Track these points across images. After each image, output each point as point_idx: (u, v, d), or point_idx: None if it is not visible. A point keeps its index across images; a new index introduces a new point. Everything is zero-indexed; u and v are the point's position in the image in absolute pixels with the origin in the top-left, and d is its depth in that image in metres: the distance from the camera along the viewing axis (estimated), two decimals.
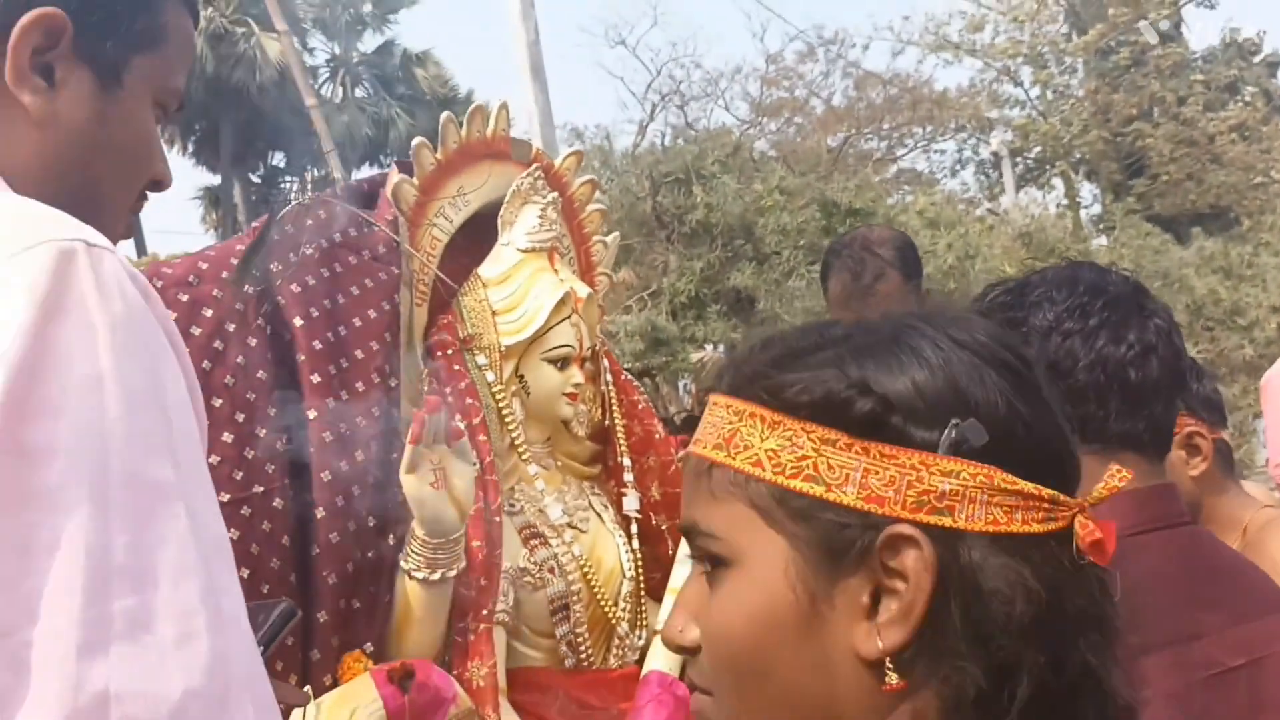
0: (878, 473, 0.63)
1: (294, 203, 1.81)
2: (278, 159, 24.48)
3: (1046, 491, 0.64)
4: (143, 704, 0.66)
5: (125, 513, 0.69)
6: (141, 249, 20.37)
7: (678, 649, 0.69)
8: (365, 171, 23.53)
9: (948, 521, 0.62)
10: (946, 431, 0.63)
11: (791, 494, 0.64)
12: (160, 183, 0.93)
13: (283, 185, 24.68)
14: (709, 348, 11.09)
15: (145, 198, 0.93)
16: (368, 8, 23.33)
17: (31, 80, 0.82)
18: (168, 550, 0.70)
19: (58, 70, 0.83)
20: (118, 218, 0.90)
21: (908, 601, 0.62)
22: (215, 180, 23.97)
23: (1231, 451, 1.82)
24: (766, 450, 0.65)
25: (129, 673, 0.66)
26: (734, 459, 0.66)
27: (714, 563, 0.67)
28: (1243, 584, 1.18)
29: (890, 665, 0.62)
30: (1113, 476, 0.68)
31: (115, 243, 0.81)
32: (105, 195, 0.88)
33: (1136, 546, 1.15)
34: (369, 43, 24.02)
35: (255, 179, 24.62)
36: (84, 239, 0.74)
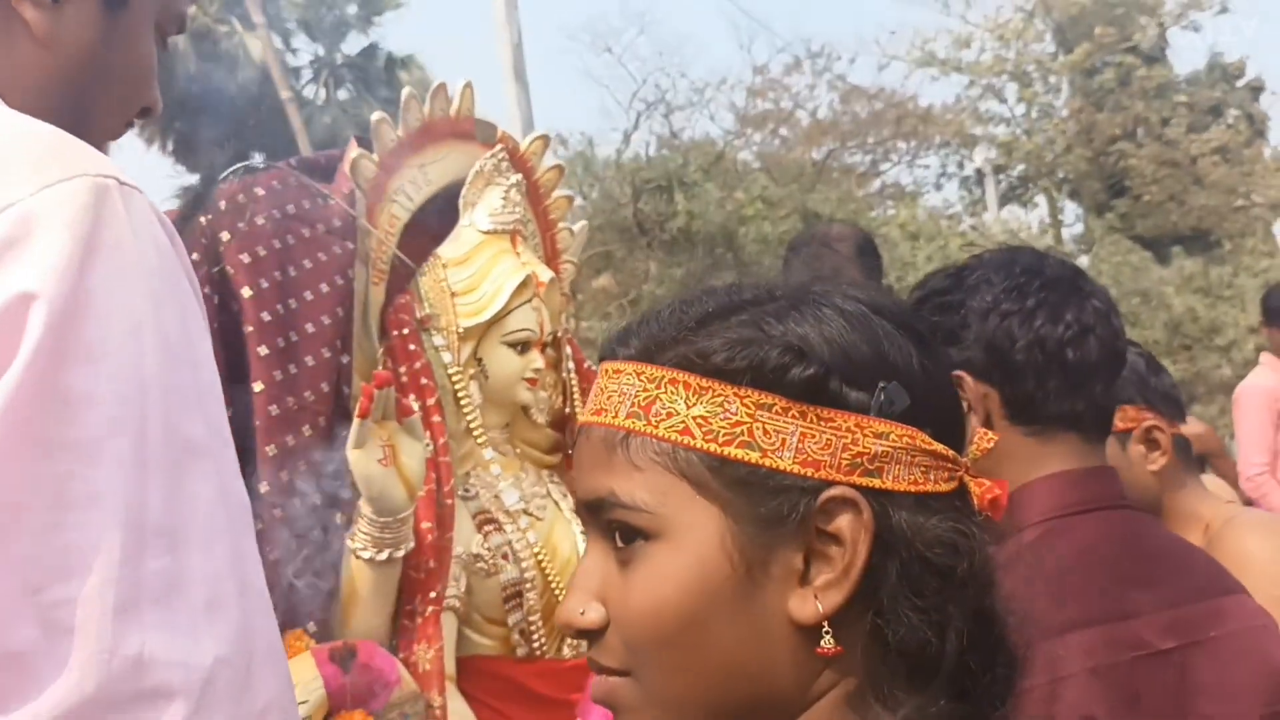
0: (814, 436, 0.62)
1: (239, 167, 1.76)
2: (258, 160, 24.39)
3: (950, 451, 0.65)
4: (176, 671, 0.64)
5: (162, 469, 0.66)
6: None
7: (577, 633, 0.66)
8: None
9: (877, 483, 0.63)
10: (876, 394, 0.63)
11: (727, 461, 0.62)
12: (150, 110, 0.90)
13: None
14: None
15: (132, 124, 0.90)
16: (352, 9, 23.29)
17: None
18: (200, 511, 0.68)
19: None
20: (104, 142, 0.86)
21: (845, 564, 0.61)
22: (194, 180, 23.87)
23: (1191, 447, 1.80)
24: (695, 417, 0.63)
25: (163, 638, 0.64)
26: (656, 428, 0.63)
27: (630, 537, 0.64)
28: (1180, 567, 1.17)
29: (827, 629, 0.62)
30: (982, 439, 0.70)
31: None
32: (99, 119, 0.85)
33: (1070, 526, 1.15)
34: (353, 44, 23.99)
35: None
36: (116, 176, 0.71)
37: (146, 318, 0.68)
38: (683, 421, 0.63)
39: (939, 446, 0.64)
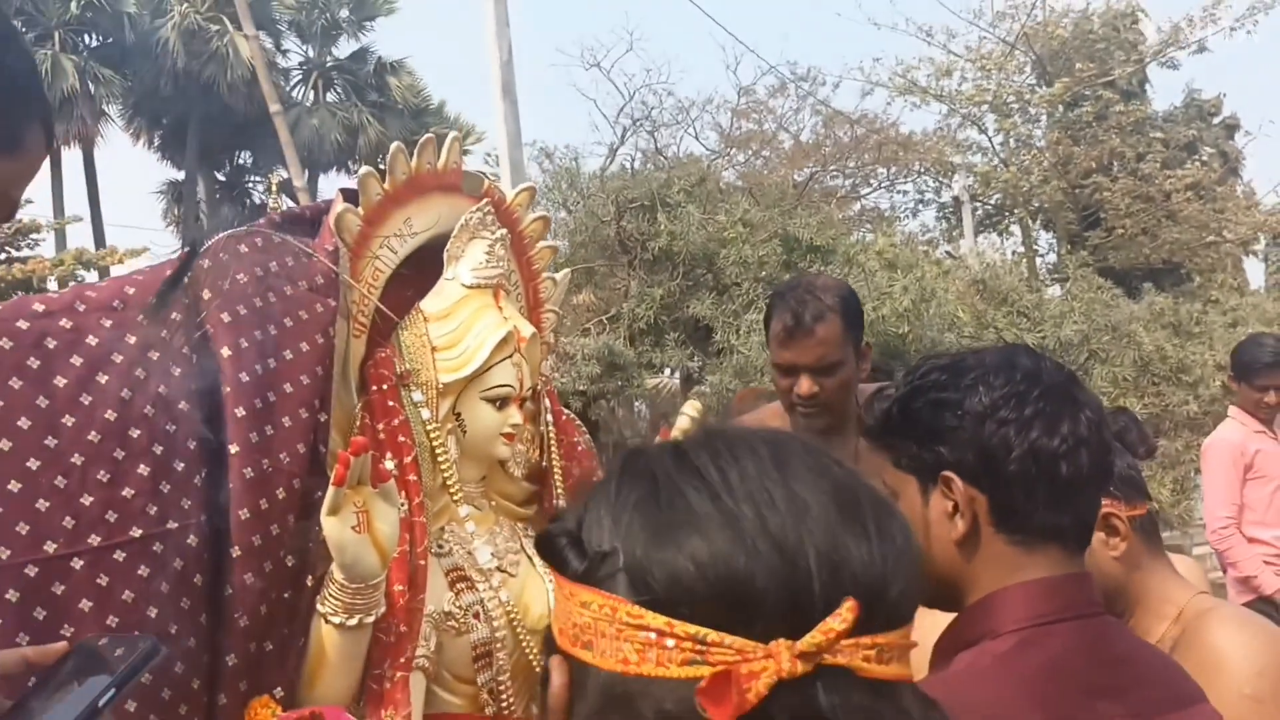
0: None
1: (225, 234, 1.75)
2: (244, 158, 24.26)
3: None
4: None
5: None
6: (100, 241, 20.04)
7: None
8: (332, 176, 23.39)
9: None
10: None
11: None
12: None
13: (246, 184, 24.44)
14: (665, 374, 11.10)
15: None
16: (344, 13, 23.21)
17: None
18: None
19: None
20: None
21: None
22: (179, 175, 23.68)
23: (1156, 526, 1.80)
24: None
25: None
26: None
27: None
28: (1149, 677, 1.18)
29: None
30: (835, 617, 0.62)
31: None
32: None
33: (1044, 635, 1.16)
34: (344, 48, 23.91)
35: (220, 176, 24.36)
36: None
37: None
38: None
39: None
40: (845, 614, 0.58)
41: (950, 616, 1.20)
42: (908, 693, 0.64)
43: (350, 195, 2.05)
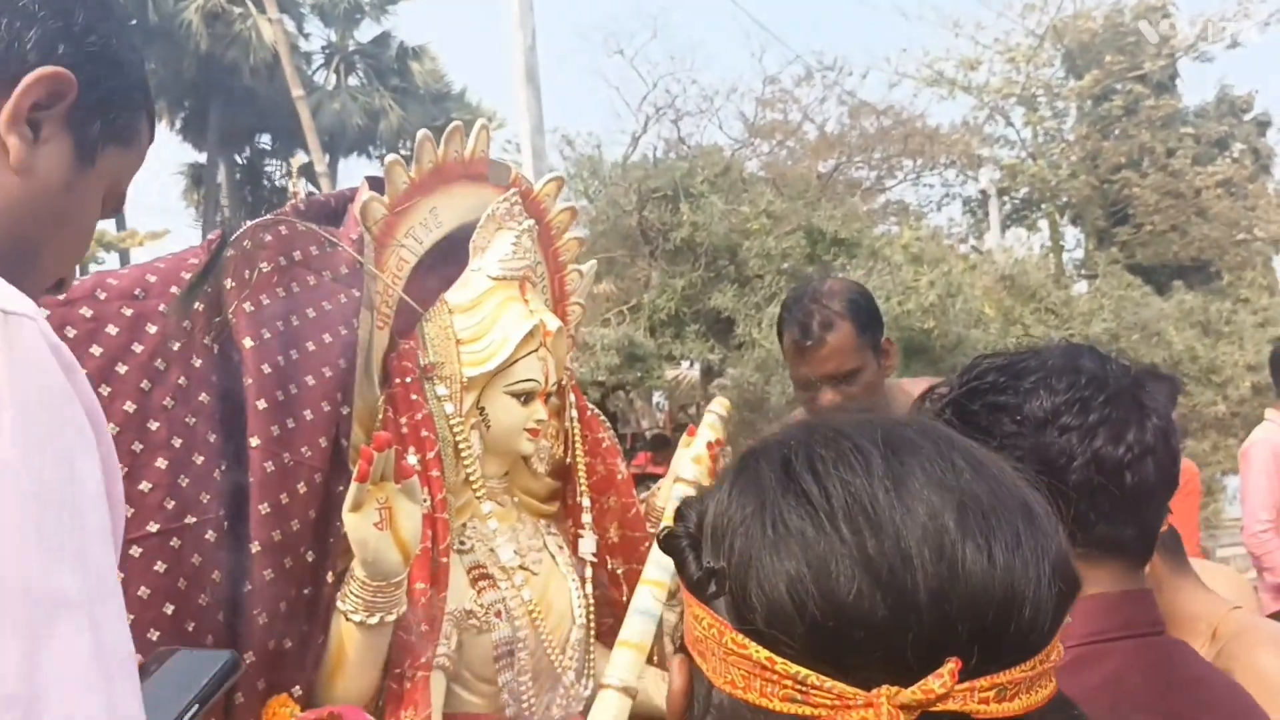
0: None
1: (251, 223, 1.71)
2: (264, 141, 24.32)
3: None
4: None
5: (18, 631, 0.63)
6: (120, 224, 20.14)
7: None
8: (353, 161, 23.42)
9: None
10: None
11: None
12: (64, 283, 0.94)
13: (267, 168, 24.50)
14: (685, 366, 11.05)
15: (55, 289, 0.93)
16: None
17: (22, 127, 0.85)
18: (65, 671, 0.64)
19: (44, 128, 0.86)
20: (38, 289, 0.88)
21: None
22: (200, 158, 23.76)
23: (1179, 540, 1.75)
24: None
25: None
26: None
27: None
28: (1212, 703, 1.12)
29: None
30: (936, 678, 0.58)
31: None
32: (42, 262, 0.89)
33: (1101, 653, 1.10)
34: (366, 32, 23.91)
35: (240, 160, 24.42)
36: (2, 307, 0.69)
37: (12, 461, 0.65)
38: None
39: None
40: (946, 676, 0.54)
41: None
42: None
43: (376, 183, 2.01)
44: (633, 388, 10.63)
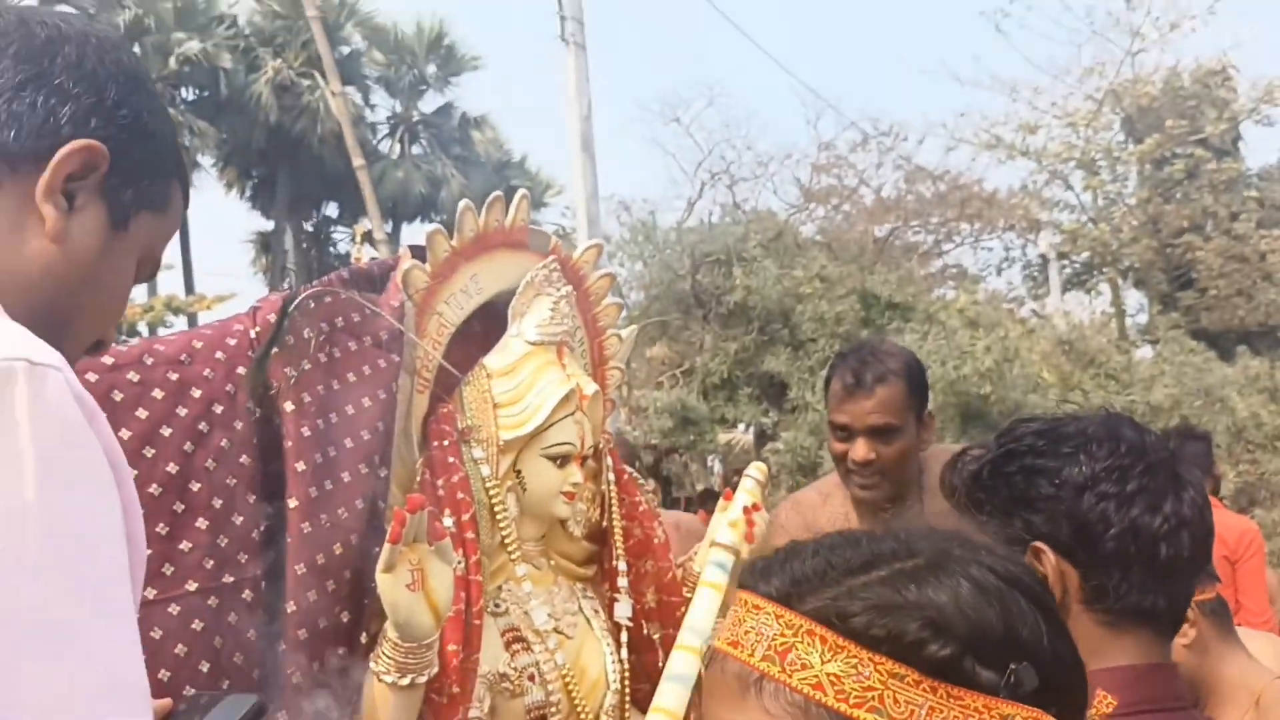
0: (942, 712, 0.64)
1: (303, 296, 1.77)
2: (331, 209, 24.95)
3: None
4: None
5: (35, 661, 0.66)
6: (190, 288, 20.74)
7: None
8: (415, 227, 23.92)
9: None
10: (1006, 675, 0.65)
11: None
12: (102, 344, 0.98)
13: (333, 234, 25.10)
14: (738, 430, 11.01)
15: (91, 351, 0.97)
16: (431, 69, 23.88)
17: (57, 197, 0.89)
18: (79, 702, 0.68)
19: (79, 198, 0.90)
20: (75, 353, 0.91)
21: None
22: (268, 226, 24.44)
23: (1227, 609, 1.71)
24: (829, 674, 0.65)
25: None
26: (790, 677, 0.66)
27: None
28: None
29: None
30: (1101, 704, 0.73)
31: None
32: (79, 325, 0.93)
33: None
34: (430, 102, 24.58)
35: (308, 226, 25.07)
36: (27, 357, 0.73)
37: (31, 503, 0.69)
38: (816, 676, 0.65)
39: None
40: (1107, 703, 0.72)
41: None
42: None
43: (418, 251, 2.07)
44: (686, 451, 10.60)
